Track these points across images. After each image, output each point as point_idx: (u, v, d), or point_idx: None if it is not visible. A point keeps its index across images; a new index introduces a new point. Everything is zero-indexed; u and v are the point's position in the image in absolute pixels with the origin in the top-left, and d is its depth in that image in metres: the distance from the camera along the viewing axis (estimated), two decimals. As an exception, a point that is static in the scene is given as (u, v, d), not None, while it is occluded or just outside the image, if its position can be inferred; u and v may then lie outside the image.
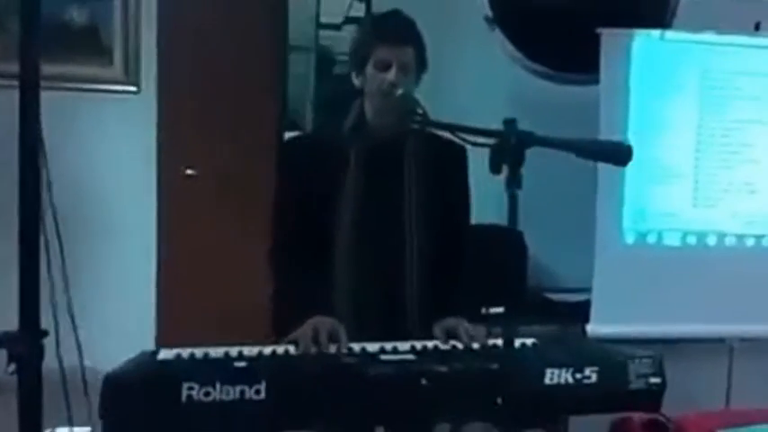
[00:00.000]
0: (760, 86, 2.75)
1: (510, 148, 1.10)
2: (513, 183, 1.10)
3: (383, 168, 1.69)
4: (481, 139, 1.26)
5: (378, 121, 1.71)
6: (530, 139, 1.11)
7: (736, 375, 2.80)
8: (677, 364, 1.58)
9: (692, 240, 2.77)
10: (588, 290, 2.76)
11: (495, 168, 1.12)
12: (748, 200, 2.76)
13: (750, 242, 2.79)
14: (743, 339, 2.78)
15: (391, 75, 1.63)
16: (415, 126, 1.55)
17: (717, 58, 2.76)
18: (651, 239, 2.76)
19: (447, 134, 1.55)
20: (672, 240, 2.76)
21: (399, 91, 1.62)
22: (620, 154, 1.07)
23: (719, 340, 2.79)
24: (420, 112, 1.54)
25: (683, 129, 2.73)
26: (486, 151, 1.30)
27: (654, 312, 2.66)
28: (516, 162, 1.09)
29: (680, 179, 2.73)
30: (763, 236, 2.79)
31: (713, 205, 2.76)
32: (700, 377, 2.65)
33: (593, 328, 2.67)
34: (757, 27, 2.93)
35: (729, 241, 2.78)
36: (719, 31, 2.76)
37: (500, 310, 2.29)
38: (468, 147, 1.43)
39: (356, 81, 1.71)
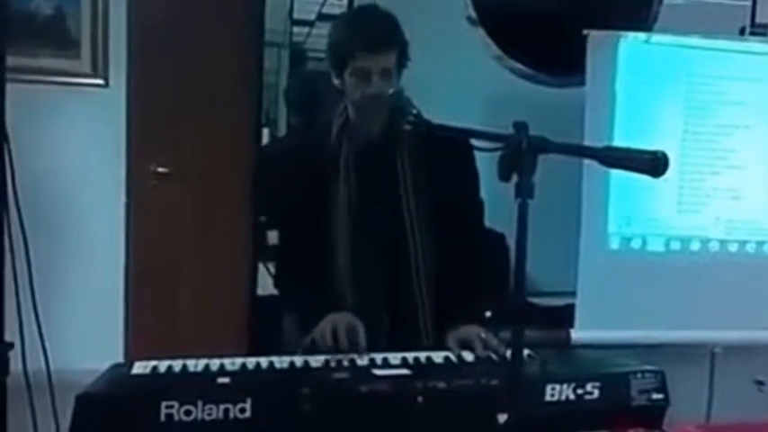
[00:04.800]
0: (745, 91, 2.74)
1: (521, 154, 1.03)
2: (524, 192, 1.02)
3: (375, 171, 1.62)
4: (485, 144, 1.18)
5: (365, 125, 1.64)
6: (543, 146, 1.04)
7: (718, 381, 2.80)
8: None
9: (675, 246, 2.75)
10: (571, 294, 2.73)
11: (504, 176, 1.05)
12: (732, 205, 2.75)
13: (733, 248, 2.78)
14: (725, 346, 2.77)
15: (372, 87, 1.55)
16: (409, 128, 1.47)
17: (702, 62, 2.74)
18: (636, 245, 2.73)
19: None
20: (656, 246, 2.74)
21: (390, 90, 1.54)
22: (654, 163, 1.01)
23: (702, 346, 2.78)
24: (414, 112, 1.46)
25: (668, 133, 2.71)
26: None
27: (638, 318, 2.64)
28: (528, 170, 1.02)
29: (664, 184, 2.70)
30: (746, 242, 2.78)
31: (697, 211, 2.75)
32: (681, 383, 2.63)
33: (577, 334, 2.64)
34: (742, 31, 2.93)
35: (713, 247, 2.77)
36: (705, 34, 2.74)
37: (487, 314, 2.25)
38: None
39: (336, 82, 1.63)
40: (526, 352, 1.46)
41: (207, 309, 3.19)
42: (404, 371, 1.35)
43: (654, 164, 1.00)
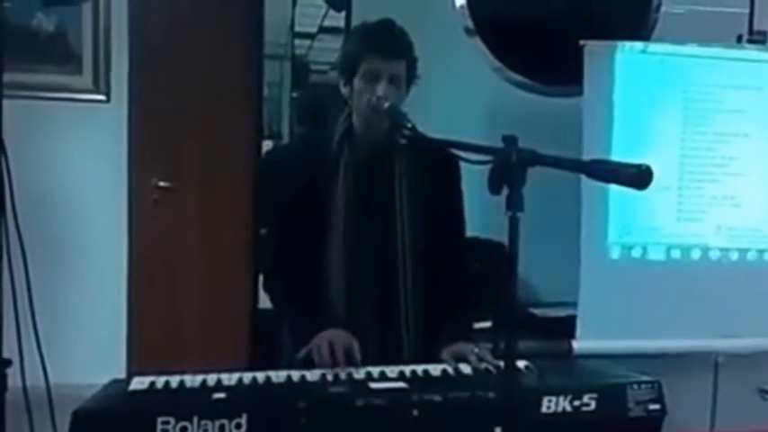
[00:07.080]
0: (743, 99, 2.74)
1: (511, 167, 1.03)
2: (515, 204, 1.03)
3: (372, 182, 1.63)
4: (477, 157, 1.19)
5: (366, 134, 1.65)
6: (532, 159, 1.05)
7: (722, 390, 2.78)
8: (662, 379, 1.53)
9: (676, 254, 2.75)
10: (572, 304, 2.72)
11: (494, 189, 1.05)
12: (732, 213, 2.75)
13: (734, 256, 2.77)
14: (728, 354, 2.76)
15: (380, 88, 1.57)
16: (404, 141, 1.48)
17: (700, 70, 2.75)
18: (636, 254, 2.73)
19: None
20: (657, 254, 2.73)
21: (386, 103, 1.56)
22: (639, 177, 1.01)
23: (705, 355, 2.76)
24: (409, 126, 1.47)
25: (666, 142, 2.71)
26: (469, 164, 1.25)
27: (640, 327, 2.63)
28: (517, 182, 1.02)
29: (664, 193, 2.71)
30: (747, 249, 2.77)
31: (697, 219, 2.74)
32: (685, 391, 2.62)
33: (579, 344, 2.63)
34: (740, 39, 2.93)
35: (714, 255, 2.76)
36: (702, 43, 2.75)
37: (487, 324, 2.25)
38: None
39: (344, 90, 1.66)
40: (524, 363, 1.47)
41: (208, 322, 3.19)
42: (400, 384, 1.35)
43: (638, 177, 1.01)
